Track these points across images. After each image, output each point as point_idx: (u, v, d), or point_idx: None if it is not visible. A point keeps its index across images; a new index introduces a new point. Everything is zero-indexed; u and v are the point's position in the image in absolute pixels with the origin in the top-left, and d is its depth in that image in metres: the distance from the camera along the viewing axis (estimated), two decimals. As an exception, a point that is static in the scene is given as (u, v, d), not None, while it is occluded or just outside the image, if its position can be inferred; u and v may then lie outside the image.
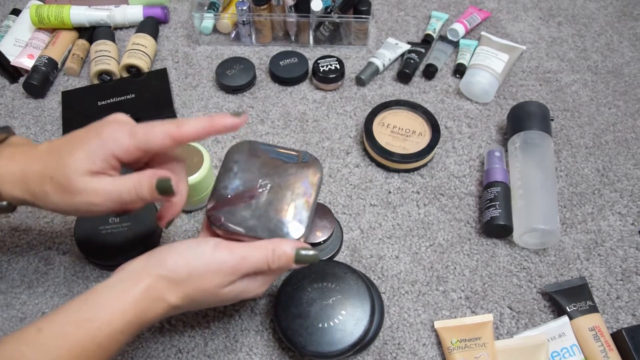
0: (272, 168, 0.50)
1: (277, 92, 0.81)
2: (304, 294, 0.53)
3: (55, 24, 0.84)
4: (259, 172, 0.50)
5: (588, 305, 0.57)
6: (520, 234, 0.61)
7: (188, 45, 0.87)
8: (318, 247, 0.58)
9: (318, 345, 0.50)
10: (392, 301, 0.60)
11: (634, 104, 0.79)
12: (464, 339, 0.55)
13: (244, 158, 0.50)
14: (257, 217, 0.47)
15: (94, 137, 0.45)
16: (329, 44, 0.87)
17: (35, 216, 0.66)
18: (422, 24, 0.91)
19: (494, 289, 0.61)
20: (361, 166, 0.72)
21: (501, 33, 0.89)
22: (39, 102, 0.79)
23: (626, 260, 0.63)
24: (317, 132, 0.76)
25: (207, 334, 0.58)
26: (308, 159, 0.51)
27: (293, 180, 0.49)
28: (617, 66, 0.84)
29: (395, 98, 0.79)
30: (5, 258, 0.63)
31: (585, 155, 0.73)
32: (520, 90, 0.81)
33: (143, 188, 0.44)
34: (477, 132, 0.76)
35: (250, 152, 0.51)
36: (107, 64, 0.78)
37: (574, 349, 0.55)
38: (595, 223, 0.66)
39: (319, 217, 0.59)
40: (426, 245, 0.64)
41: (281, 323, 0.52)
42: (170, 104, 0.77)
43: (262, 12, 0.82)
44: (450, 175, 0.71)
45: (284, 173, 0.50)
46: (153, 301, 0.42)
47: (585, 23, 0.91)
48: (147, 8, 0.88)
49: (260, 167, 0.50)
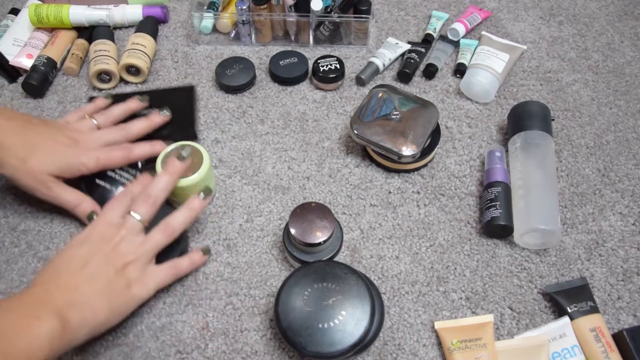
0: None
1: (277, 92, 0.81)
2: (304, 295, 0.53)
3: (54, 23, 0.84)
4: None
5: (589, 305, 0.57)
6: (520, 234, 0.61)
7: (187, 45, 0.87)
8: (318, 248, 0.58)
9: (318, 346, 0.50)
10: (392, 302, 0.60)
11: (635, 104, 0.79)
12: (464, 340, 0.55)
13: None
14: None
15: (72, 157, 0.61)
16: (329, 43, 0.87)
17: (34, 216, 0.66)
18: (422, 23, 0.91)
19: (495, 290, 0.61)
20: (361, 166, 0.72)
21: (502, 33, 0.89)
22: (38, 102, 0.79)
23: (627, 261, 0.63)
24: (317, 132, 0.75)
25: (207, 335, 0.57)
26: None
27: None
28: (618, 66, 0.84)
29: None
30: (4, 258, 0.63)
31: (586, 155, 0.73)
32: (521, 90, 0.81)
33: (79, 211, 0.63)
34: (477, 132, 0.75)
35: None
36: (106, 63, 0.78)
37: (575, 349, 0.55)
38: (596, 223, 0.66)
39: (319, 217, 0.58)
40: (426, 245, 0.64)
41: (281, 323, 0.51)
42: (192, 124, 0.74)
43: (262, 12, 0.81)
44: (450, 176, 0.71)
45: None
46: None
47: (586, 22, 0.91)
48: (147, 7, 0.88)
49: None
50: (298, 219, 0.58)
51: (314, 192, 0.69)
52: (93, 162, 0.62)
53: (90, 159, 0.62)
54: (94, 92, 0.80)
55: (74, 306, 0.48)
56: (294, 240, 0.58)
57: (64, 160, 0.61)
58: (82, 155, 0.62)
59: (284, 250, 0.62)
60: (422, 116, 0.68)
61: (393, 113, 0.69)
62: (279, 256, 0.63)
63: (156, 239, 0.56)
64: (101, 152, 0.63)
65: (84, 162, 0.61)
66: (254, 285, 0.61)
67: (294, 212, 0.59)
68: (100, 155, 0.63)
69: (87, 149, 0.63)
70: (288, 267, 0.63)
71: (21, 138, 0.59)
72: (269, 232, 0.65)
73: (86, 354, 0.56)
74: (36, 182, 0.60)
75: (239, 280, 0.61)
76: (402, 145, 0.66)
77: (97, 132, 0.66)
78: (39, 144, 0.60)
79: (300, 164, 0.72)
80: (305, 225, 0.58)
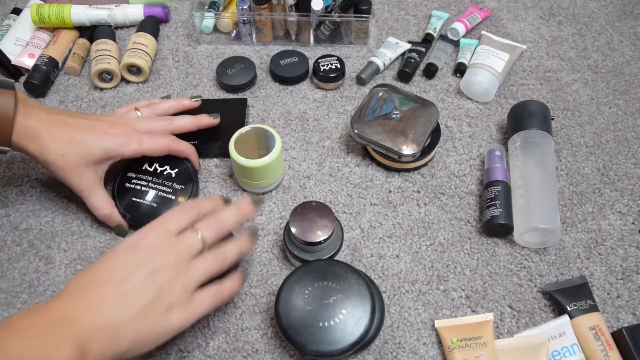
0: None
1: (277, 91, 0.81)
2: (304, 293, 0.53)
3: (56, 23, 0.84)
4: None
5: (588, 304, 0.57)
6: (520, 233, 0.61)
7: (189, 45, 0.87)
8: (319, 246, 0.58)
9: (319, 345, 0.50)
10: (392, 300, 0.60)
11: (634, 103, 0.79)
12: (464, 338, 0.55)
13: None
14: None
15: (110, 138, 0.60)
16: (329, 43, 0.87)
17: (36, 215, 0.66)
18: (422, 23, 0.91)
19: (495, 288, 0.61)
20: (362, 165, 0.72)
21: (502, 32, 0.89)
22: (40, 101, 0.79)
23: (626, 260, 0.63)
24: (318, 131, 0.76)
25: (208, 333, 0.58)
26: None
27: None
28: (618, 65, 0.84)
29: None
30: (5, 257, 0.63)
31: (585, 155, 0.73)
32: (521, 89, 0.81)
33: (108, 220, 0.63)
34: (477, 131, 0.76)
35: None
36: (107, 63, 0.79)
37: (575, 348, 0.55)
38: (595, 222, 0.66)
39: (319, 216, 0.59)
40: (427, 244, 0.64)
41: (282, 322, 0.52)
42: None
43: (263, 11, 0.82)
44: (450, 175, 0.71)
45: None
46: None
47: (585, 22, 0.91)
48: (148, 7, 0.88)
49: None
50: (299, 217, 0.59)
51: (314, 191, 0.69)
52: (134, 145, 0.61)
53: (131, 141, 0.61)
54: (95, 91, 0.80)
55: (98, 334, 0.43)
56: (295, 239, 0.58)
57: (101, 145, 0.60)
58: (121, 139, 0.61)
59: (285, 249, 0.62)
60: (422, 115, 0.69)
61: (393, 112, 0.69)
62: (279, 255, 0.64)
63: (210, 264, 0.50)
64: (143, 136, 0.62)
65: (126, 143, 0.60)
66: (255, 284, 0.61)
67: (294, 211, 0.59)
68: (143, 138, 0.62)
69: (127, 133, 0.62)
70: (289, 265, 0.63)
71: (61, 131, 0.58)
72: (269, 231, 0.65)
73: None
74: (72, 177, 0.60)
75: (240, 279, 0.62)
76: (403, 145, 0.66)
77: (140, 119, 0.65)
78: (78, 134, 0.59)
79: (300, 163, 0.72)
80: (306, 224, 0.58)
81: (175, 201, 0.65)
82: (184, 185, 0.66)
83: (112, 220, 0.63)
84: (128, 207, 0.64)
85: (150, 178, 0.66)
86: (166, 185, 0.65)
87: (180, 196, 0.65)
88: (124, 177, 0.66)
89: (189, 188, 0.66)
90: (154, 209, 0.64)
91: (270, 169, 0.65)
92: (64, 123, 0.59)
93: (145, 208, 0.64)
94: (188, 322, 0.48)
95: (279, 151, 0.65)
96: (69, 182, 0.61)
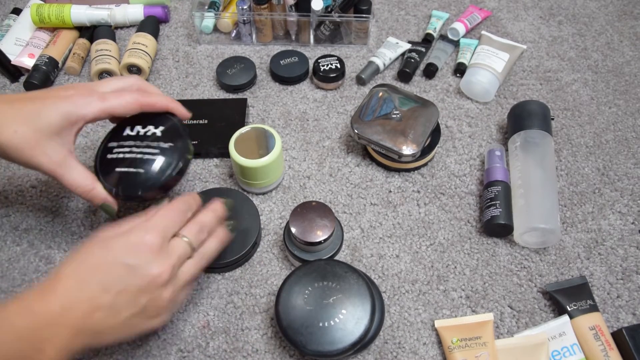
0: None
1: (277, 91, 0.81)
2: (304, 293, 0.53)
3: (56, 23, 0.84)
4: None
5: (588, 304, 0.57)
6: (520, 233, 0.61)
7: (189, 45, 0.87)
8: (319, 246, 0.58)
9: (319, 345, 0.50)
10: (392, 300, 0.60)
11: (634, 103, 0.79)
12: (464, 338, 0.55)
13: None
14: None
15: (65, 100, 0.50)
16: (329, 43, 0.87)
17: (36, 215, 0.66)
18: (422, 23, 0.91)
19: (495, 288, 0.61)
20: (362, 165, 0.72)
21: (502, 32, 0.89)
22: (40, 102, 0.79)
23: (626, 260, 0.63)
24: (318, 131, 0.76)
25: (207, 333, 0.58)
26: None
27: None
28: (618, 65, 0.84)
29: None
30: (5, 257, 0.63)
31: (585, 155, 0.73)
32: (521, 89, 0.81)
33: (92, 198, 0.53)
34: (477, 131, 0.76)
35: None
36: (107, 63, 0.79)
37: (575, 348, 0.55)
38: (595, 222, 0.66)
39: (320, 216, 0.59)
40: (427, 244, 0.64)
41: (282, 322, 0.52)
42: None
43: (263, 11, 0.82)
44: (450, 175, 0.71)
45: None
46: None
47: (585, 22, 0.91)
48: (148, 7, 0.88)
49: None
50: (299, 217, 0.59)
51: (314, 191, 0.69)
52: (96, 103, 0.51)
53: (91, 99, 0.51)
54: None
55: (84, 334, 0.43)
56: (295, 239, 0.58)
57: (57, 109, 0.50)
58: (79, 98, 0.51)
59: (285, 249, 0.62)
60: (422, 115, 0.69)
61: (393, 112, 0.69)
62: (279, 255, 0.64)
63: (197, 267, 0.50)
64: (107, 93, 0.53)
65: (85, 103, 0.51)
66: (255, 284, 0.61)
67: (294, 211, 0.59)
68: (107, 95, 0.52)
69: (85, 91, 0.52)
70: (289, 265, 0.63)
71: (6, 107, 0.49)
72: (269, 231, 0.65)
73: (86, 352, 0.56)
74: (36, 155, 0.49)
75: (240, 279, 0.62)
76: (403, 145, 0.66)
77: (103, 81, 0.56)
78: (29, 105, 0.50)
79: (300, 163, 0.72)
80: (306, 224, 0.58)
81: (165, 162, 0.55)
82: (172, 143, 0.55)
83: (96, 196, 0.53)
84: (114, 181, 0.55)
85: (133, 142, 0.56)
86: (152, 147, 0.55)
87: (170, 156, 0.55)
88: (105, 149, 0.56)
89: (178, 144, 0.55)
90: (141, 175, 0.54)
91: (270, 169, 0.65)
92: (10, 100, 0.50)
93: (132, 177, 0.54)
94: (170, 317, 0.50)
95: (279, 151, 0.65)
96: (34, 163, 0.50)
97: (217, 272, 0.62)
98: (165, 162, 0.54)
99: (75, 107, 0.51)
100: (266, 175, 0.65)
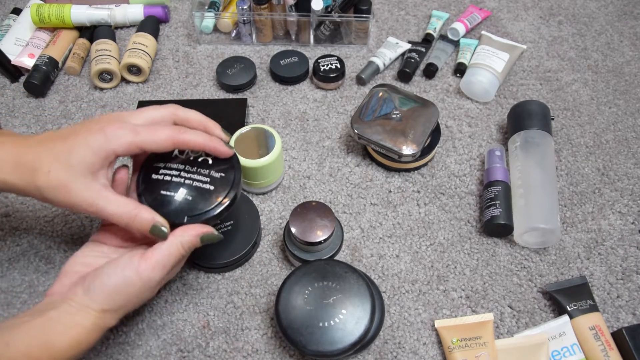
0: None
1: (277, 91, 0.81)
2: (304, 293, 0.53)
3: (56, 23, 0.84)
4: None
5: (588, 304, 0.57)
6: (520, 233, 0.61)
7: (189, 45, 0.87)
8: (319, 246, 0.58)
9: (319, 345, 0.50)
10: (392, 300, 0.60)
11: (634, 103, 0.79)
12: (464, 338, 0.55)
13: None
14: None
15: (96, 134, 0.48)
16: (329, 43, 0.87)
17: (35, 215, 0.66)
18: (422, 23, 0.91)
19: (495, 288, 0.61)
20: (362, 165, 0.72)
21: (502, 32, 0.89)
22: (40, 102, 0.79)
23: (626, 260, 0.63)
24: (318, 131, 0.76)
25: (207, 333, 0.58)
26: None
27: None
28: (618, 65, 0.84)
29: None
30: (5, 257, 0.63)
31: (585, 155, 0.73)
32: (521, 89, 0.81)
33: (140, 223, 0.48)
34: (477, 131, 0.76)
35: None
36: (107, 63, 0.79)
37: (575, 348, 0.55)
38: (595, 222, 0.66)
39: (319, 216, 0.59)
40: (427, 244, 0.64)
41: (282, 322, 0.52)
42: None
43: (263, 11, 0.82)
44: (450, 175, 0.71)
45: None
46: (100, 331, 0.47)
47: (585, 22, 0.91)
48: (148, 7, 0.89)
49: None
50: (299, 217, 0.59)
51: (314, 191, 0.69)
52: (128, 137, 0.48)
53: (123, 132, 0.48)
54: (95, 91, 0.80)
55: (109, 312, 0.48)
56: (295, 239, 0.58)
57: (87, 145, 0.47)
58: (109, 130, 0.48)
59: (285, 249, 0.62)
60: (422, 115, 0.69)
61: (393, 112, 0.69)
62: (279, 255, 0.64)
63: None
64: (139, 127, 0.49)
65: (115, 136, 0.48)
66: (255, 284, 0.61)
67: (294, 211, 0.59)
68: (139, 129, 0.49)
69: (115, 124, 0.49)
70: (288, 265, 0.63)
71: (41, 149, 0.48)
72: (269, 231, 0.65)
73: (87, 352, 0.56)
74: (72, 195, 0.47)
75: (240, 279, 0.62)
76: (403, 145, 0.66)
77: (134, 112, 0.52)
78: (60, 144, 0.48)
79: (300, 163, 0.72)
80: (306, 224, 0.58)
81: (215, 193, 0.51)
82: (224, 173, 0.52)
83: (143, 221, 0.48)
84: (156, 203, 0.50)
85: (183, 166, 0.52)
86: (202, 173, 0.52)
87: (220, 186, 0.52)
88: (150, 168, 0.52)
89: (230, 176, 0.52)
90: (189, 202, 0.50)
91: (270, 169, 0.65)
92: (43, 140, 0.49)
93: (178, 203, 0.50)
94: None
95: (279, 151, 0.65)
96: (72, 204, 0.47)
97: (217, 272, 0.62)
98: (215, 193, 0.51)
99: (107, 141, 0.48)
100: (266, 175, 0.65)
